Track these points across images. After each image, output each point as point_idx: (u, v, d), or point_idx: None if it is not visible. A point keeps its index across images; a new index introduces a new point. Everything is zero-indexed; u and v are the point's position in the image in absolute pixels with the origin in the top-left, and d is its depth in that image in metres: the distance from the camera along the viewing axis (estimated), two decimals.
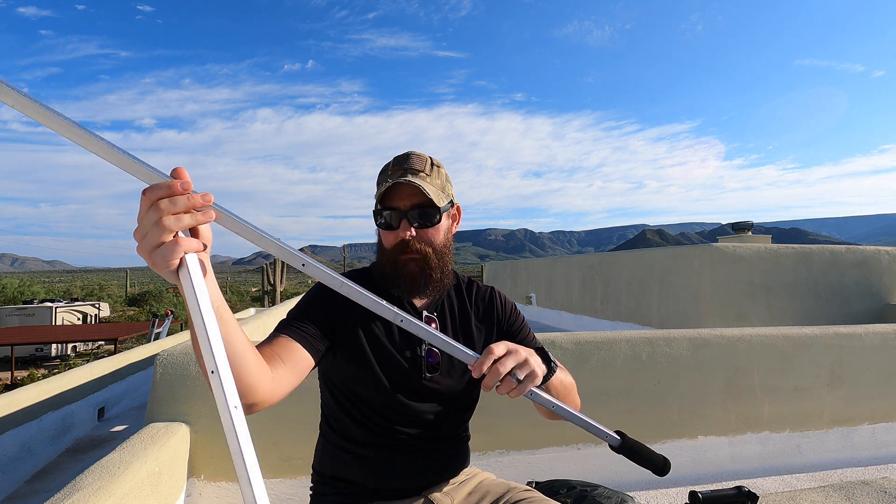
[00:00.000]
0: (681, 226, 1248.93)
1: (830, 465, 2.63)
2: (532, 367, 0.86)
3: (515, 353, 0.86)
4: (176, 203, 0.58)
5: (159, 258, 0.59)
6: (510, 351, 0.86)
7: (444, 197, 1.10)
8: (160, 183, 0.59)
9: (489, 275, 14.16)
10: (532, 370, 0.86)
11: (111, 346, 21.08)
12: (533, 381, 0.86)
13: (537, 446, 2.33)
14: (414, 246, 1.07)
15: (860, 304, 6.11)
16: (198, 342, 0.62)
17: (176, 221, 0.59)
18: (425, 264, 1.08)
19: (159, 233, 0.58)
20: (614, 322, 7.36)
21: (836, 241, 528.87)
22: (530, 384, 0.86)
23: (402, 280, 1.08)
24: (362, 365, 1.06)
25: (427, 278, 1.09)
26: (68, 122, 0.55)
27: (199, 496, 2.00)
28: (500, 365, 0.84)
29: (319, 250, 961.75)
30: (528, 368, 0.86)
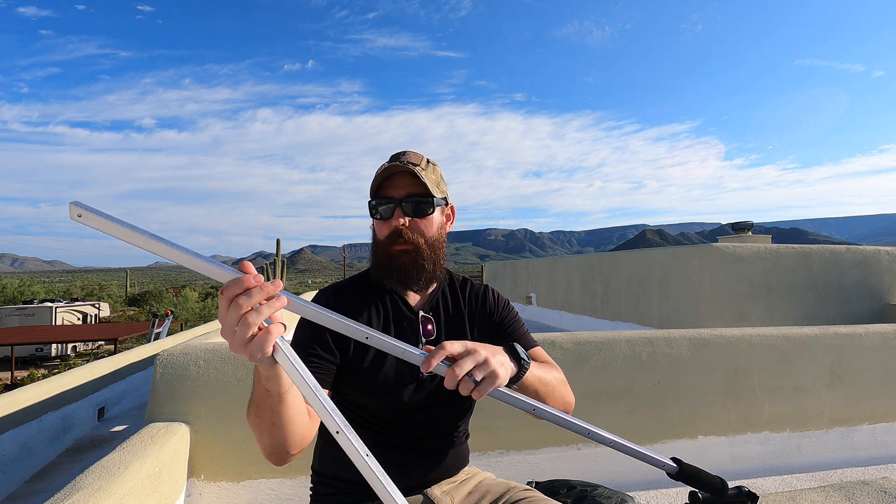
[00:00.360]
0: (681, 226, 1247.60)
1: (830, 465, 2.63)
2: (492, 367, 0.81)
3: (474, 352, 0.81)
4: (252, 296, 0.63)
5: (256, 350, 0.65)
6: (469, 350, 0.82)
7: (439, 191, 1.12)
8: (235, 279, 0.64)
9: (489, 275, 14.16)
10: (492, 370, 0.81)
11: (111, 346, 21.09)
12: (494, 382, 0.81)
13: (537, 446, 2.33)
14: (406, 235, 1.08)
15: (860, 304, 6.11)
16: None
17: (257, 315, 0.64)
18: (417, 255, 1.09)
19: (246, 328, 0.64)
20: (614, 322, 7.36)
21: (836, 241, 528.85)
22: (490, 386, 0.81)
23: (395, 271, 1.09)
24: (357, 370, 1.07)
25: (419, 270, 1.09)
26: (146, 235, 0.60)
27: (199, 496, 2.00)
28: (457, 367, 0.79)
29: (319, 250, 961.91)
30: (488, 369, 0.81)
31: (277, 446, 0.84)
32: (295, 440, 0.85)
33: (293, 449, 0.87)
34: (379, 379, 1.07)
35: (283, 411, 0.79)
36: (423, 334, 1.12)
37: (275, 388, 0.76)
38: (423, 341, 1.12)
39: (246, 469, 2.04)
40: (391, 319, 1.12)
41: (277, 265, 19.15)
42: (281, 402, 0.78)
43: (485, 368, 0.81)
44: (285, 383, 0.76)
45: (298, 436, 0.85)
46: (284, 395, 0.77)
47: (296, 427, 0.83)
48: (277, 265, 19.15)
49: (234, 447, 2.03)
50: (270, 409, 0.79)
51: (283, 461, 0.88)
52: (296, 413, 0.82)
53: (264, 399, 0.78)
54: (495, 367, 0.82)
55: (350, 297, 1.13)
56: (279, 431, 0.82)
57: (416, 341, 1.11)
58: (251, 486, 2.04)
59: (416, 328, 1.12)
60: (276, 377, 0.74)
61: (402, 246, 1.08)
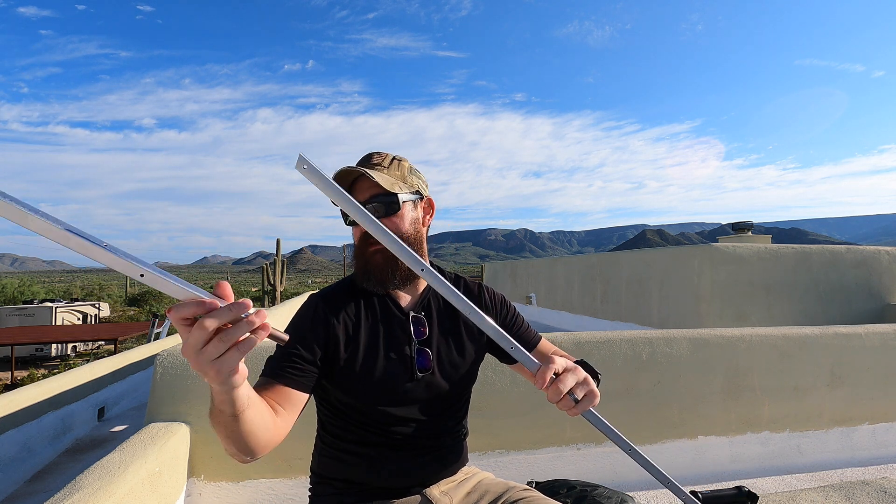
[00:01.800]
0: (681, 226, 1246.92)
1: (830, 465, 2.63)
2: (591, 386, 0.86)
3: (575, 370, 0.86)
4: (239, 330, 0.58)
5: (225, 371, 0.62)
6: (569, 368, 0.86)
7: (406, 187, 1.11)
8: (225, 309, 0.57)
9: (489, 275, 14.16)
10: (591, 389, 0.86)
11: (111, 346, 21.08)
12: (592, 401, 0.86)
13: (537, 446, 2.32)
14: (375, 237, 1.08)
15: (860, 304, 6.11)
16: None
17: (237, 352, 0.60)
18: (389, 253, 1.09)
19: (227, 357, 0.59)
20: (614, 322, 7.36)
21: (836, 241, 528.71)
22: (589, 404, 0.85)
23: (371, 273, 1.09)
24: (352, 372, 1.06)
25: (394, 268, 1.09)
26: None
27: (199, 496, 2.00)
28: (560, 383, 0.83)
29: (319, 250, 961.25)
30: (587, 387, 0.86)
31: (235, 452, 0.82)
32: (255, 448, 0.82)
33: (254, 455, 0.84)
34: (373, 380, 1.06)
35: (238, 427, 0.76)
36: (414, 335, 1.11)
37: (228, 408, 0.72)
38: (415, 342, 1.11)
39: (246, 469, 2.04)
40: (381, 321, 1.11)
41: (277, 265, 19.15)
42: (235, 421, 0.75)
43: (585, 386, 0.86)
44: (240, 405, 0.72)
45: (258, 445, 0.82)
46: (239, 415, 0.74)
47: (254, 439, 0.80)
48: (277, 265, 19.15)
49: None
50: (224, 424, 0.76)
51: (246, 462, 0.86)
52: (254, 428, 0.78)
53: (218, 415, 0.75)
54: (593, 387, 0.86)
55: (340, 301, 1.12)
56: (234, 443, 0.79)
57: (408, 342, 1.10)
58: (251, 486, 2.04)
59: (407, 329, 1.11)
60: (229, 400, 0.70)
61: (373, 247, 1.09)
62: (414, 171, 1.17)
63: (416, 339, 1.11)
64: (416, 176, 1.16)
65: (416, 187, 1.15)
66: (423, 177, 1.19)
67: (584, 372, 0.87)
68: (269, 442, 0.85)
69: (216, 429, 0.78)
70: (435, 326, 1.14)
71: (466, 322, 1.18)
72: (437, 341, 1.13)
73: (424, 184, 1.19)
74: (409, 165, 1.16)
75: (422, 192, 1.16)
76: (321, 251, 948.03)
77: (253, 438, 0.80)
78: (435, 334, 1.13)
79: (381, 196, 1.07)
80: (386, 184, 1.06)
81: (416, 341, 1.11)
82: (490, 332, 0.81)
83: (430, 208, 1.19)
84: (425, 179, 1.20)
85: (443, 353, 1.13)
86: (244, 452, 0.82)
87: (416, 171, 1.17)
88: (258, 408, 0.79)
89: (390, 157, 1.13)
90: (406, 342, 1.10)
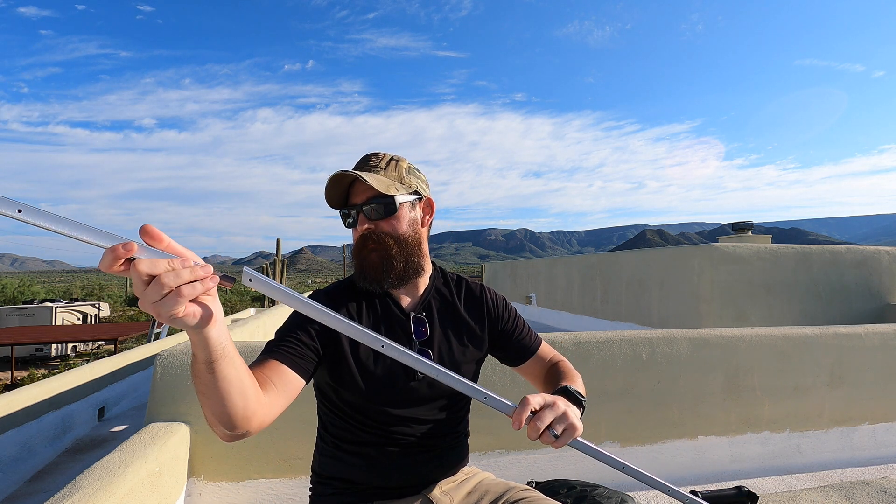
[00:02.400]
0: (681, 226, 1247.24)
1: (830, 465, 2.63)
2: (571, 419, 0.86)
3: (553, 406, 0.87)
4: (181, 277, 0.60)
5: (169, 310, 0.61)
6: (547, 404, 0.87)
7: (403, 188, 1.11)
8: (171, 264, 0.60)
9: (489, 275, 14.16)
10: (571, 423, 0.86)
11: (111, 346, 21.08)
12: (573, 434, 0.86)
13: (537, 446, 2.32)
14: (372, 237, 1.09)
15: (860, 304, 6.11)
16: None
17: (192, 290, 0.61)
18: (386, 253, 1.09)
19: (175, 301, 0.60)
20: (614, 322, 7.36)
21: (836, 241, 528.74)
22: (570, 438, 0.86)
23: (367, 272, 1.10)
24: (351, 371, 1.06)
25: (389, 267, 1.09)
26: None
27: (199, 496, 2.00)
28: (538, 420, 0.85)
29: (319, 250, 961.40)
30: (567, 421, 0.86)
31: (215, 419, 0.79)
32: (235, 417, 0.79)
33: (236, 427, 0.80)
34: (374, 379, 1.06)
35: (214, 383, 0.74)
36: (415, 335, 1.11)
37: (201, 353, 0.71)
38: (416, 342, 1.11)
39: (246, 469, 2.04)
40: (381, 320, 1.11)
41: (277, 265, 19.15)
42: (209, 373, 0.73)
43: (564, 420, 0.86)
44: (214, 351, 0.71)
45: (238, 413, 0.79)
46: (213, 364, 0.72)
47: (231, 402, 0.77)
48: (277, 265, 19.15)
49: (234, 447, 2.03)
50: (199, 376, 0.74)
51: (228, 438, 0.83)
52: (230, 387, 0.75)
53: (193, 365, 0.74)
54: (573, 420, 0.87)
55: (342, 299, 1.13)
56: (212, 403, 0.77)
57: (409, 343, 1.10)
58: (251, 486, 2.04)
59: (408, 329, 1.11)
60: (201, 343, 0.69)
61: (371, 246, 1.09)
62: (412, 170, 1.16)
63: (416, 339, 1.11)
64: (414, 176, 1.15)
65: (415, 187, 1.14)
66: (422, 176, 1.18)
67: (564, 405, 0.88)
68: (250, 413, 0.81)
69: (196, 389, 0.77)
70: (436, 327, 1.14)
71: (468, 323, 1.18)
72: (439, 342, 1.13)
73: (424, 183, 1.18)
74: (408, 165, 1.15)
75: (421, 193, 1.15)
76: (321, 251, 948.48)
77: (230, 401, 0.76)
78: (436, 335, 1.13)
79: (377, 198, 1.07)
80: (381, 186, 1.06)
81: (416, 342, 1.11)
82: (461, 387, 0.84)
83: (429, 208, 1.19)
84: (425, 179, 1.19)
85: (444, 354, 1.13)
86: (223, 421, 0.79)
87: (414, 171, 1.16)
88: (238, 368, 0.76)
89: (388, 158, 1.13)
90: (407, 342, 1.10)
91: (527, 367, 1.22)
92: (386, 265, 1.08)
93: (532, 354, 1.22)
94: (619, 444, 2.43)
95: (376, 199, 1.07)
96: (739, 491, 1.34)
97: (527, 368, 1.23)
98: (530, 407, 0.85)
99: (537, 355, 1.22)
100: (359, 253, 1.10)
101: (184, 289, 0.60)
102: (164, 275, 0.59)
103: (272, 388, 0.91)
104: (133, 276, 0.59)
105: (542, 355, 1.22)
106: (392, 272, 1.09)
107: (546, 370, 1.21)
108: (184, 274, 0.60)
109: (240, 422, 0.80)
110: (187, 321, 0.63)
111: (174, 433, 1.82)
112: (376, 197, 1.07)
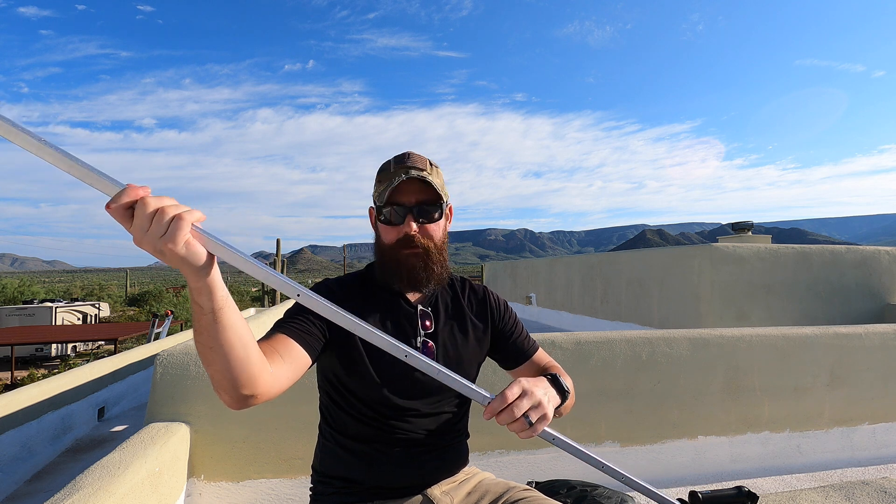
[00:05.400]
0: (681, 226, 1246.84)
1: (830, 465, 2.63)
2: (545, 410, 0.88)
3: (531, 394, 0.87)
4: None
5: (171, 238, 0.64)
6: (525, 391, 0.87)
7: (444, 195, 1.13)
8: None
9: (489, 275, 14.16)
10: (544, 414, 0.87)
11: (111, 346, 21.08)
12: (544, 423, 0.88)
13: (537, 446, 2.33)
14: (417, 241, 1.09)
15: (860, 304, 6.11)
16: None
17: (172, 210, 0.65)
18: (427, 258, 1.10)
19: (162, 216, 0.64)
20: (614, 322, 7.36)
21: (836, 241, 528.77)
22: (541, 427, 0.87)
23: (404, 274, 1.10)
24: (357, 361, 1.07)
25: (429, 272, 1.10)
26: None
27: (199, 496, 2.00)
28: (515, 407, 0.85)
29: (319, 250, 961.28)
30: (542, 411, 0.87)
31: (222, 378, 0.78)
32: (240, 374, 0.78)
33: (242, 387, 0.79)
34: (378, 368, 1.07)
35: (220, 333, 0.74)
36: (421, 328, 1.13)
37: (206, 303, 0.71)
38: (421, 335, 1.12)
39: (246, 469, 2.04)
40: (389, 311, 1.13)
41: (277, 265, 19.15)
42: (215, 322, 0.73)
43: (539, 410, 0.87)
44: (218, 299, 0.72)
45: (243, 370, 0.78)
46: (218, 312, 0.72)
47: (237, 355, 0.76)
48: (277, 265, 19.15)
49: (234, 447, 2.03)
50: (206, 329, 0.74)
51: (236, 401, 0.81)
52: (234, 337, 0.75)
53: (199, 318, 0.73)
54: (547, 410, 0.88)
55: (351, 288, 1.15)
56: (217, 356, 0.76)
57: (415, 335, 1.12)
58: (251, 486, 2.04)
59: (415, 322, 1.13)
60: (207, 290, 0.70)
61: (412, 250, 1.09)
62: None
63: (422, 331, 1.13)
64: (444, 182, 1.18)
65: (447, 194, 1.16)
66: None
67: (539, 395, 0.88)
68: (256, 374, 0.80)
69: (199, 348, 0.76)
70: (441, 322, 1.16)
71: (472, 321, 1.20)
72: (443, 336, 1.15)
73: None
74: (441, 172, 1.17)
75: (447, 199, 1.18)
76: (321, 251, 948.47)
77: (236, 353, 0.76)
78: (441, 329, 1.15)
79: (432, 202, 1.09)
80: (440, 190, 1.09)
81: (422, 334, 1.13)
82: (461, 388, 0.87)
83: (450, 214, 1.21)
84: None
85: (448, 348, 1.15)
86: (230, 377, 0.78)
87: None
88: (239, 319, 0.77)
89: (429, 162, 1.13)
90: (413, 334, 1.12)
91: (521, 370, 1.23)
92: (426, 270, 1.10)
93: (528, 358, 1.23)
94: (620, 444, 2.43)
95: (431, 203, 1.09)
96: (739, 491, 1.34)
97: (521, 372, 1.23)
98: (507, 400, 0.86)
99: (532, 360, 1.23)
100: (396, 252, 1.10)
101: (185, 214, 0.64)
102: (169, 205, 0.64)
103: (279, 360, 0.91)
104: (140, 211, 0.63)
105: (536, 360, 1.23)
106: (432, 276, 1.11)
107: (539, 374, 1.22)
108: (179, 205, 0.65)
109: (246, 380, 0.79)
110: (195, 250, 0.67)
111: (174, 433, 1.82)
112: (428, 201, 1.09)
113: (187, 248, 0.65)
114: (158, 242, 0.63)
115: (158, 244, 0.63)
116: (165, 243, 0.63)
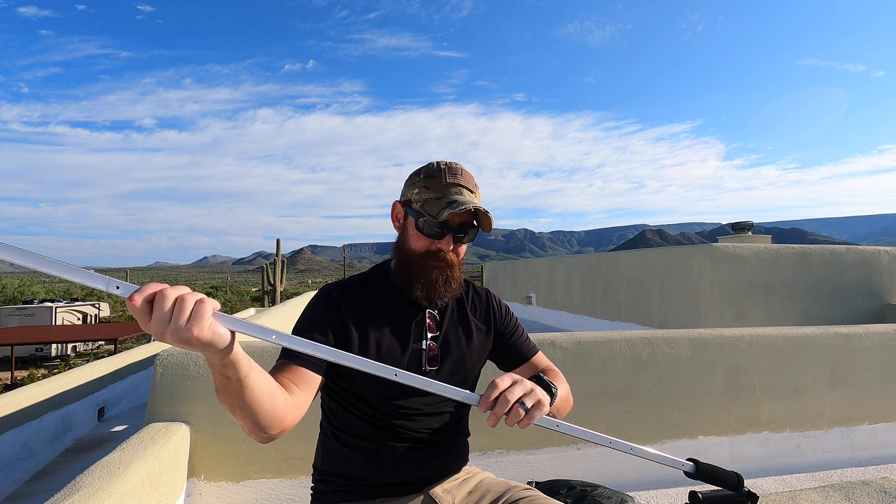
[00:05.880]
0: (681, 226, 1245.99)
1: (830, 465, 2.63)
2: (539, 396, 0.88)
3: (521, 382, 0.88)
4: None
5: (195, 325, 0.65)
6: (516, 381, 0.88)
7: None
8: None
9: (489, 275, 14.16)
10: (539, 399, 0.87)
11: (111, 346, 21.09)
12: (541, 409, 0.87)
13: (537, 446, 2.33)
14: (447, 257, 1.10)
15: (860, 304, 6.11)
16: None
17: (187, 301, 0.65)
18: (450, 273, 1.11)
19: (181, 306, 0.64)
20: (614, 322, 7.36)
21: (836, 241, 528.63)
22: (539, 413, 0.87)
23: (424, 283, 1.10)
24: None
25: (447, 287, 1.12)
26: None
27: (199, 496, 2.00)
28: (509, 393, 0.85)
29: (319, 250, 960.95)
30: (536, 397, 0.87)
31: (252, 426, 0.85)
32: (270, 421, 0.85)
33: (271, 430, 0.87)
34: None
35: (248, 395, 0.79)
36: (427, 330, 1.14)
37: (234, 374, 0.75)
38: (427, 337, 1.13)
39: (246, 469, 2.04)
40: (394, 313, 1.13)
41: (277, 265, 19.15)
42: (243, 388, 0.78)
43: (533, 396, 0.87)
44: (243, 368, 0.76)
45: (272, 417, 0.85)
46: (245, 380, 0.77)
47: (266, 408, 0.83)
48: (277, 265, 19.15)
49: (234, 447, 2.03)
50: (234, 394, 0.79)
51: (266, 440, 0.89)
52: (262, 394, 0.81)
53: (227, 387, 0.78)
54: (541, 396, 0.88)
55: (354, 292, 1.15)
56: (249, 413, 0.82)
57: (420, 336, 1.13)
58: (251, 486, 2.04)
59: (421, 323, 1.14)
60: (232, 364, 0.74)
61: (438, 263, 1.09)
62: None
63: (428, 333, 1.14)
64: None
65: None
66: None
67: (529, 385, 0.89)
68: (283, 416, 0.87)
69: (227, 406, 0.81)
70: (446, 324, 1.17)
71: (476, 323, 1.21)
72: (448, 338, 1.16)
73: None
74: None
75: None
76: (321, 251, 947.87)
77: (266, 408, 0.82)
78: (446, 331, 1.16)
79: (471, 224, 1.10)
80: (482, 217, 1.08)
81: (428, 336, 1.13)
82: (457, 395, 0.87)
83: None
84: None
85: (452, 349, 1.15)
86: (262, 426, 0.84)
87: None
88: (263, 375, 0.82)
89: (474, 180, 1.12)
90: (418, 336, 1.12)
91: (520, 372, 1.23)
92: (447, 285, 1.11)
93: (526, 360, 1.23)
94: None
95: (471, 226, 1.10)
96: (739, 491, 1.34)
97: (520, 374, 1.23)
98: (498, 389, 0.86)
99: (531, 362, 1.23)
100: (423, 261, 1.10)
101: (205, 299, 0.66)
102: (187, 295, 0.65)
103: (295, 390, 0.95)
104: (160, 304, 0.64)
105: (535, 363, 1.23)
106: (450, 290, 1.12)
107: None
108: (194, 295, 0.66)
109: (276, 422, 0.86)
110: (219, 331, 0.68)
111: (174, 433, 1.82)
112: (471, 223, 1.10)
113: (212, 331, 0.67)
114: (183, 331, 0.64)
115: (183, 332, 0.64)
116: (190, 329, 0.64)
